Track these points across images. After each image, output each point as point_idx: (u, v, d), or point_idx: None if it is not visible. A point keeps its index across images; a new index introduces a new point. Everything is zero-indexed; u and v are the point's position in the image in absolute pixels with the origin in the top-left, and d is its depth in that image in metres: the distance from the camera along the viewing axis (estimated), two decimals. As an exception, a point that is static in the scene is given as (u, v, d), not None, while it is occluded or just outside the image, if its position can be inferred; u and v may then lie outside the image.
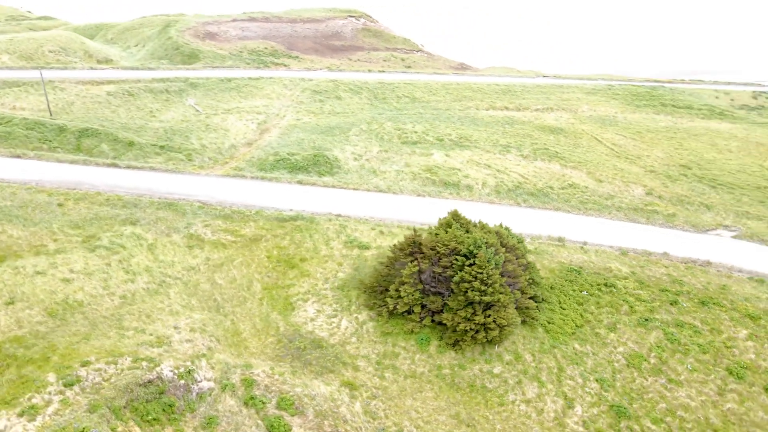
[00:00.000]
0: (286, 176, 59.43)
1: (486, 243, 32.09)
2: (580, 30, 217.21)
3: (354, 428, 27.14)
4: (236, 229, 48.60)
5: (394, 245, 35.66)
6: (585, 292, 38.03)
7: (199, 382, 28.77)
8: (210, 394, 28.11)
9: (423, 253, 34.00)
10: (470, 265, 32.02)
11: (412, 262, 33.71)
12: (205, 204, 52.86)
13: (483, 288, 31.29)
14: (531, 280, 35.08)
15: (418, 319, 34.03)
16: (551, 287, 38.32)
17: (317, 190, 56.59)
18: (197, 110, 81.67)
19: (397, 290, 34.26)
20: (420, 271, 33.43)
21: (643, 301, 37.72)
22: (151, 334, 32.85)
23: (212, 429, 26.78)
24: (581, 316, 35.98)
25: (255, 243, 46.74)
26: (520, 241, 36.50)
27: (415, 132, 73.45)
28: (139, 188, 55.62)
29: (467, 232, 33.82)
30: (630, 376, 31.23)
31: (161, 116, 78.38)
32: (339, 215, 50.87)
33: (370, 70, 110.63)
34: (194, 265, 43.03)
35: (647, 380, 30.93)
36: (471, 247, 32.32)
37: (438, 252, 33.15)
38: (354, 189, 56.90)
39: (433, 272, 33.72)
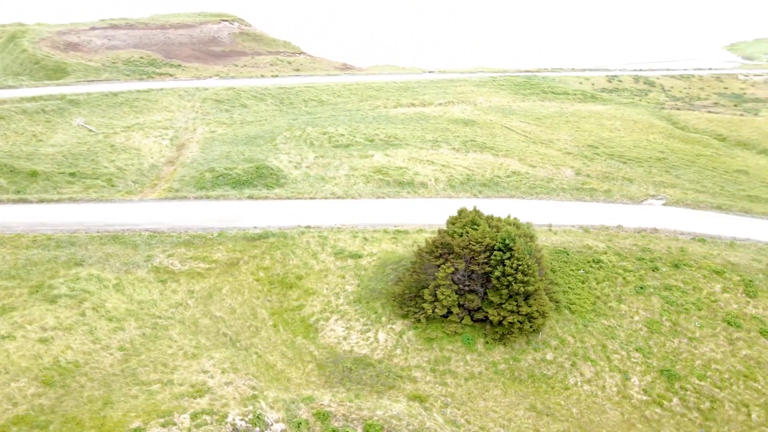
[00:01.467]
0: (232, 192, 55.71)
1: (517, 235, 33.13)
2: (449, 26, 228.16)
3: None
4: (205, 255, 44.70)
5: (420, 249, 35.28)
6: (582, 271, 40.73)
7: (271, 425, 26.34)
8: (284, 436, 25.85)
9: (455, 253, 34.06)
10: (509, 258, 32.83)
11: (444, 263, 33.65)
12: (155, 232, 47.92)
13: (525, 279, 32.28)
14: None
15: (458, 320, 34.10)
16: (552, 270, 40.46)
17: (272, 204, 53.84)
18: (91, 130, 73.24)
19: (433, 294, 33.98)
20: (454, 272, 33.50)
21: (630, 271, 41.37)
22: (181, 384, 29.28)
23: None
24: (589, 293, 38.54)
25: (234, 267, 43.39)
26: (529, 227, 38.07)
27: (342, 135, 72.59)
28: (67, 223, 48.93)
29: (490, 227, 34.54)
30: (659, 341, 34.23)
31: (50, 140, 69.23)
32: (309, 227, 48.95)
33: (263, 76, 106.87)
34: (180, 301, 38.91)
35: (674, 342, 34.15)
36: (506, 241, 33.11)
37: (472, 250, 33.45)
38: (311, 198, 55.00)
39: (471, 270, 33.97)
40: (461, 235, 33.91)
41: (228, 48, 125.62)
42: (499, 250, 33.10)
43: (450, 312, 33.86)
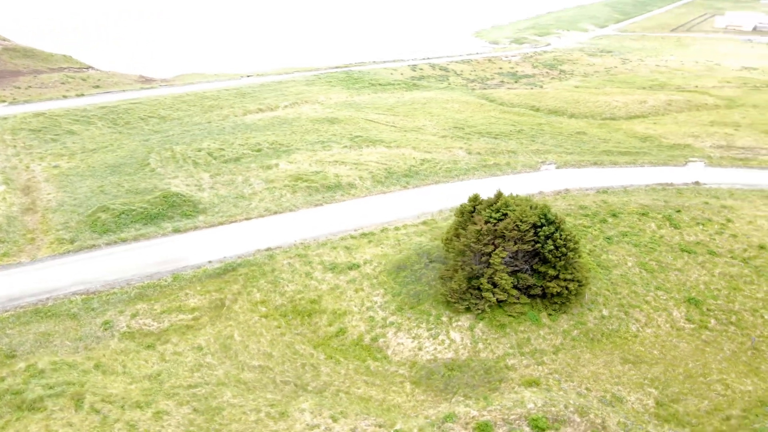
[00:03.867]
0: (149, 230, 47.26)
1: (549, 210, 34.97)
2: (231, 28, 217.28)
3: (596, 410, 27.33)
4: (178, 305, 37.67)
5: (465, 238, 34.54)
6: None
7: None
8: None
9: (504, 236, 34.34)
10: (556, 230, 34.41)
11: (495, 249, 33.75)
12: (89, 293, 38.74)
13: (575, 246, 34.32)
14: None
15: (516, 300, 34.57)
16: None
17: (209, 233, 47.23)
18: None
19: (490, 281, 33.87)
20: (506, 255, 33.90)
21: (589, 227, 46.62)
22: (305, 447, 25.03)
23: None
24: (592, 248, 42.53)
25: (224, 310, 37.41)
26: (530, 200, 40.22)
27: (221, 149, 66.28)
28: (-50, 311, 36.50)
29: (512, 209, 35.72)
30: (661, 278, 39.22)
31: None
32: (270, 249, 44.39)
33: (65, 96, 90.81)
34: (197, 363, 32.33)
35: (670, 276, 39.49)
36: (548, 215, 34.60)
37: (521, 231, 34.13)
38: (246, 219, 49.58)
39: (520, 250, 34.63)
40: (500, 220, 34.54)
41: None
42: (543, 225, 34.67)
43: (508, 294, 34.36)
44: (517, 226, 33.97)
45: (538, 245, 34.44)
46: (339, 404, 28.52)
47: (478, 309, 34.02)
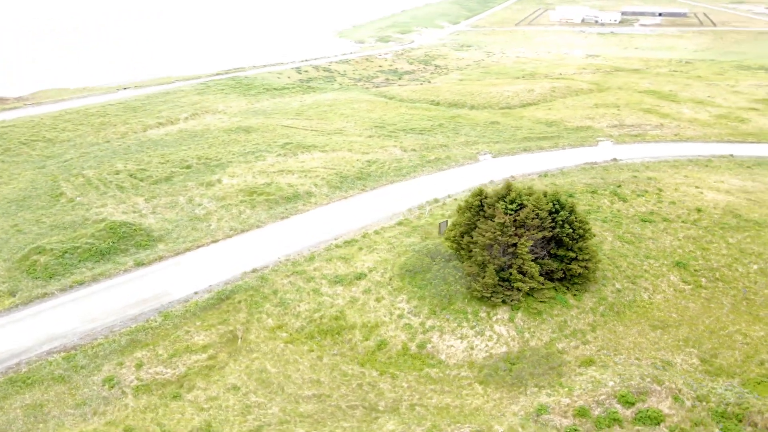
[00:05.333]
0: (106, 268, 41.42)
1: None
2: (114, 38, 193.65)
3: (666, 376, 28.96)
4: (185, 345, 33.58)
5: (490, 232, 34.34)
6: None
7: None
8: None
9: (524, 225, 34.77)
10: (570, 214, 35.66)
11: (519, 239, 34.13)
12: (67, 349, 33.19)
13: (588, 228, 35.85)
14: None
15: (543, 286, 35.22)
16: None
17: (176, 262, 42.48)
18: None
19: (520, 271, 34.18)
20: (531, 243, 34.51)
21: (582, 197, 49.56)
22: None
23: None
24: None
25: (240, 342, 33.97)
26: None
27: (143, 169, 60.00)
28: None
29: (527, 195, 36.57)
30: (643, 247, 42.24)
31: None
32: (255, 269, 41.23)
33: None
34: (243, 404, 29.00)
35: (650, 244, 42.76)
36: (561, 201, 35.74)
37: (541, 218, 34.82)
38: (214, 242, 45.37)
39: (545, 238, 35.31)
40: (517, 211, 35.12)
41: None
42: (558, 211, 35.87)
43: (536, 281, 35.02)
44: (537, 214, 34.92)
45: (556, 230, 35.70)
46: (423, 418, 27.29)
47: (513, 300, 34.46)
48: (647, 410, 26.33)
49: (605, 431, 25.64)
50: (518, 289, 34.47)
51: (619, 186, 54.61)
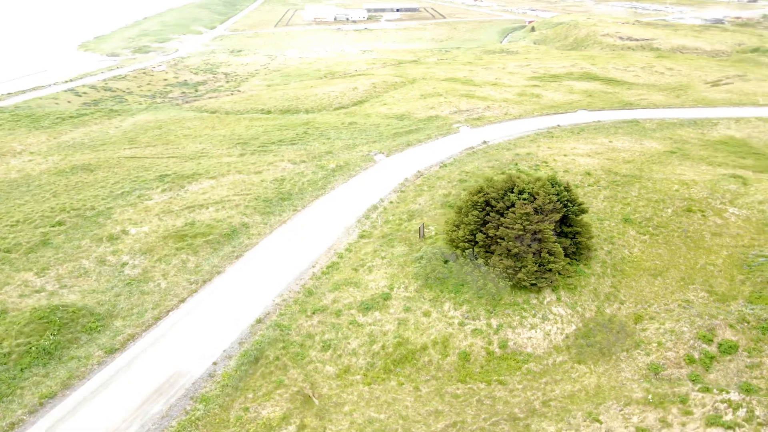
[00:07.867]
0: (72, 366, 31.82)
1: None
2: None
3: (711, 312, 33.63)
4: (261, 423, 28.25)
5: (519, 223, 34.81)
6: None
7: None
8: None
9: (541, 211, 36.21)
10: (566, 191, 38.35)
11: (542, 225, 35.64)
12: None
13: (581, 201, 39.09)
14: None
15: (562, 268, 37.25)
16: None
17: (157, 338, 34.45)
18: None
19: (550, 253, 35.75)
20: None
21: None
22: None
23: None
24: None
25: (317, 398, 29.75)
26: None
27: (1, 238, 46.71)
28: None
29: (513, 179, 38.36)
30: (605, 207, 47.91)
31: None
32: (261, 319, 36.01)
33: None
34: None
35: (614, 205, 48.57)
36: (560, 183, 38.24)
37: (551, 201, 36.68)
38: (181, 301, 37.92)
39: (555, 222, 37.21)
40: (528, 201, 36.83)
41: None
42: (559, 193, 38.50)
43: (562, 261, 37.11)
44: (550, 199, 37.33)
45: (565, 209, 38.66)
46: (567, 411, 27.72)
47: (552, 282, 36.42)
48: (723, 342, 31.06)
49: (711, 369, 29.56)
50: (551, 270, 36.64)
51: (516, 164, 60.55)
